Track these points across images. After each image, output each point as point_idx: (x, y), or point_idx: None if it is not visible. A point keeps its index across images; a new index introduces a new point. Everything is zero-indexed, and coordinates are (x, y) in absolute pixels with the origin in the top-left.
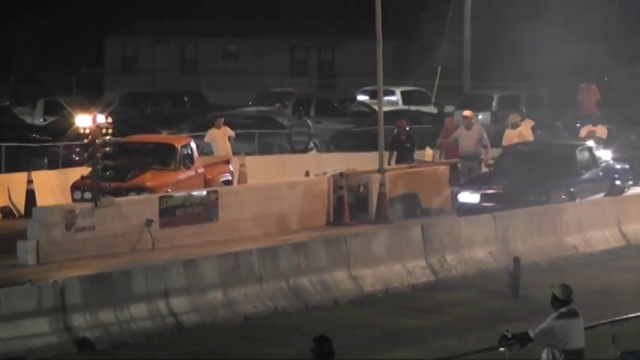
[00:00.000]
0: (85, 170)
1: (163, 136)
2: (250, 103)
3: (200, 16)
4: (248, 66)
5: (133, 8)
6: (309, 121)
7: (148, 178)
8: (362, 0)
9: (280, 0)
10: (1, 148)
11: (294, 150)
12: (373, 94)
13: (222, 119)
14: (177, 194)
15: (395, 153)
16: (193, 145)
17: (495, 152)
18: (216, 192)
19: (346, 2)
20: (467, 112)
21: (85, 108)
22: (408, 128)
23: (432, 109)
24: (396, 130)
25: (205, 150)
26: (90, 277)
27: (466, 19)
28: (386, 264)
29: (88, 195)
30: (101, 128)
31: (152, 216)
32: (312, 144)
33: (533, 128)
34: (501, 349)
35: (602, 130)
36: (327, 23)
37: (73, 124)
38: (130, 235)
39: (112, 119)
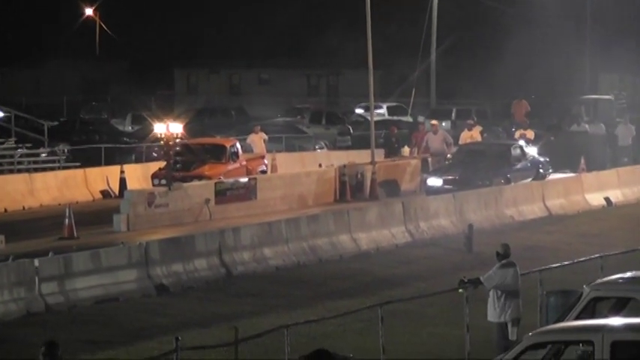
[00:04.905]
0: (161, 164)
1: (217, 139)
2: (279, 115)
3: (242, 54)
4: (276, 89)
5: (195, 49)
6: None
7: (207, 169)
8: (358, 43)
9: (300, 42)
10: (102, 149)
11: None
12: (367, 108)
13: (259, 127)
14: (227, 180)
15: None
16: (238, 145)
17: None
18: (255, 179)
19: (346, 44)
20: (434, 121)
21: (160, 119)
22: (396, 132)
23: (408, 119)
24: (387, 133)
25: (247, 149)
26: (165, 239)
27: (432, 54)
28: (376, 229)
29: (163, 182)
30: (174, 134)
31: (209, 196)
32: (322, 143)
33: (481, 132)
34: (460, 290)
35: (530, 134)
36: (333, 59)
37: (152, 130)
38: (194, 210)
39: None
